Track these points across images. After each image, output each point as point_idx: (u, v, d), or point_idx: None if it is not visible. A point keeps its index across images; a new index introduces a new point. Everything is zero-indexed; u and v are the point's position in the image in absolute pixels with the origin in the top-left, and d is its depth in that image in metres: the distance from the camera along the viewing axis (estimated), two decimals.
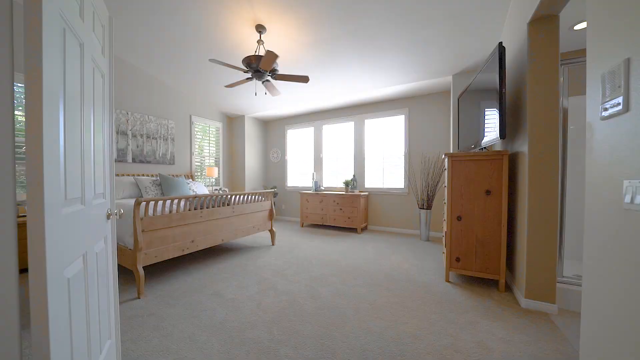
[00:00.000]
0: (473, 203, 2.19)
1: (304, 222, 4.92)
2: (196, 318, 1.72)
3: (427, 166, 4.17)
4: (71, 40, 0.81)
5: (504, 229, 2.08)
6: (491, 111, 2.09)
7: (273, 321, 1.69)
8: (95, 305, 1.00)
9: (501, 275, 2.10)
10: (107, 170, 1.19)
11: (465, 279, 2.37)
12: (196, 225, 2.47)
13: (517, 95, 2.07)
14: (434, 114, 4.15)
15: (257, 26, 2.75)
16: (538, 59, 1.79)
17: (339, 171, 5.15)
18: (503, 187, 2.07)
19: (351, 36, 2.81)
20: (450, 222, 2.28)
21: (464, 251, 2.24)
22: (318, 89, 4.15)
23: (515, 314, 1.76)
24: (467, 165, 2.21)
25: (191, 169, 4.67)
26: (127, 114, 3.64)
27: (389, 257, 3.04)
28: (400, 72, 3.49)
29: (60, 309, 0.71)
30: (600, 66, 0.86)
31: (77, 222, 0.85)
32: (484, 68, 2.21)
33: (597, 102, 0.88)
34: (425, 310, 1.83)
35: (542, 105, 1.78)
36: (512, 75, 2.24)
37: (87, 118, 0.95)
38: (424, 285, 2.25)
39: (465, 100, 2.78)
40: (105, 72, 1.19)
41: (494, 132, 2.02)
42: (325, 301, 1.95)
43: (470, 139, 2.58)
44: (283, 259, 2.94)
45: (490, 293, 2.09)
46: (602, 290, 0.84)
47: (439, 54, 3.02)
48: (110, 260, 1.22)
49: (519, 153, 2.03)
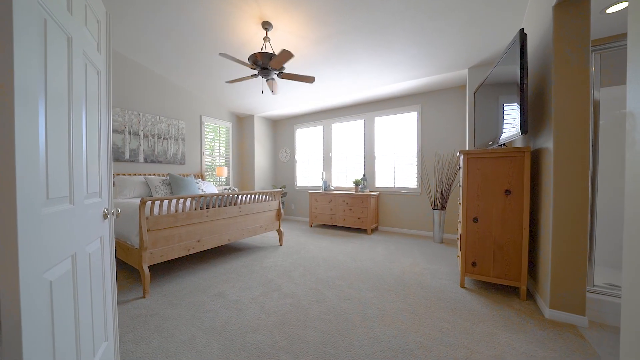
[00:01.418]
0: (491, 204, 2.03)
1: (313, 222, 4.85)
2: (198, 320, 1.69)
3: (441, 165, 3.99)
4: (55, 33, 0.78)
5: (526, 232, 1.91)
6: (511, 105, 1.94)
7: (276, 325, 1.62)
8: (88, 308, 0.98)
9: (522, 282, 1.93)
10: (103, 169, 1.17)
11: (482, 285, 2.22)
12: (202, 225, 2.46)
13: (540, 87, 1.90)
14: (448, 110, 3.96)
15: (264, 23, 2.70)
16: (565, 46, 1.62)
17: (349, 170, 5.04)
18: (524, 186, 1.91)
19: (359, 30, 2.71)
20: (466, 223, 2.13)
21: (480, 255, 2.09)
22: (326, 86, 4.06)
23: (538, 326, 1.61)
24: (484, 163, 2.06)
25: (201, 168, 4.72)
26: (138, 115, 3.71)
27: (399, 259, 2.91)
28: (412, 67, 3.34)
29: (39, 314, 0.67)
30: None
31: (64, 222, 0.81)
32: (503, 59, 2.05)
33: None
34: (437, 318, 1.71)
35: (569, 98, 1.62)
36: (534, 65, 2.06)
37: (78, 116, 0.92)
38: (437, 290, 2.12)
39: (482, 94, 2.61)
40: (102, 69, 1.17)
41: (513, 128, 1.87)
42: (330, 305, 1.87)
43: (488, 136, 2.42)
44: (290, 260, 2.88)
45: (509, 301, 1.93)
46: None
47: (454, 45, 2.85)
48: (107, 260, 1.20)
49: (542, 149, 1.86)
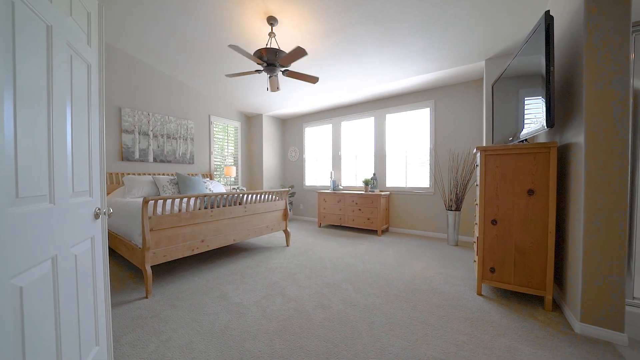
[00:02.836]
0: (511, 204, 1.86)
1: (322, 222, 4.75)
2: (198, 323, 1.64)
3: (456, 163, 3.78)
4: (28, 19, 0.72)
5: (551, 235, 1.73)
6: (532, 99, 1.76)
7: (276, 332, 1.54)
8: (73, 312, 0.93)
9: (547, 290, 1.75)
10: (94, 167, 1.12)
11: (502, 293, 2.04)
12: (206, 225, 2.42)
13: (568, 76, 1.72)
14: (463, 106, 3.75)
15: (269, 18, 2.63)
16: (600, 29, 1.44)
17: (358, 170, 4.91)
18: (550, 185, 1.73)
19: (368, 23, 2.58)
20: (484, 226, 1.97)
21: (500, 260, 1.92)
22: (334, 84, 3.95)
23: (567, 341, 1.44)
24: (504, 160, 1.89)
25: (210, 168, 4.73)
26: (148, 115, 3.75)
27: (411, 263, 2.76)
28: (424, 60, 3.17)
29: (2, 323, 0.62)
30: None
31: (40, 222, 0.76)
32: (524, 48, 1.87)
33: None
34: (451, 329, 1.57)
35: (604, 87, 1.43)
36: (561, 52, 1.87)
37: (60, 110, 0.87)
38: (451, 298, 1.97)
39: (500, 87, 2.42)
40: (93, 63, 1.13)
41: (536, 122, 1.69)
42: (335, 312, 1.77)
43: (507, 131, 2.23)
44: (296, 262, 2.80)
45: (533, 312, 1.76)
46: None
47: (469, 35, 2.67)
48: (100, 261, 1.16)
49: (571, 144, 1.68)
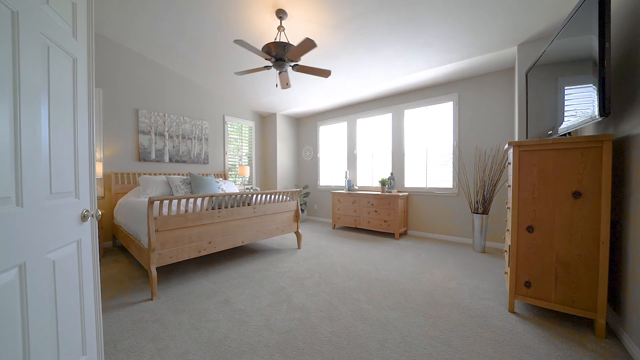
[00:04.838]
0: (552, 209, 1.59)
1: (336, 224, 4.59)
2: (197, 330, 1.55)
3: (483, 161, 3.45)
4: None
5: (605, 246, 1.44)
6: (574, 87, 1.50)
7: (278, 345, 1.41)
8: (48, 322, 0.86)
9: (599, 313, 1.46)
10: (81, 167, 1.06)
11: (539, 312, 1.76)
12: (213, 226, 2.36)
13: (624, 59, 1.42)
14: (491, 98, 3.41)
15: (278, 11, 2.53)
16: None
17: (375, 169, 4.68)
18: (603, 186, 1.44)
19: (382, 10, 2.38)
20: (517, 233, 1.71)
21: (537, 274, 1.65)
22: (348, 78, 3.77)
23: None
24: (542, 157, 1.62)
25: (224, 168, 4.75)
26: (164, 116, 3.82)
27: (431, 271, 2.52)
28: (447, 49, 2.90)
29: None
30: None
31: (2, 227, 0.69)
32: (565, 28, 1.60)
33: None
34: (477, 353, 1.35)
35: None
36: (614, 32, 1.57)
37: (32, 105, 0.80)
38: (478, 315, 1.73)
39: (535, 75, 2.12)
40: (80, 56, 1.06)
41: (577, 115, 1.43)
42: (344, 325, 1.61)
43: (543, 125, 1.94)
44: (306, 266, 2.67)
45: (581, 338, 1.48)
46: None
47: (499, 18, 2.37)
48: (88, 266, 1.10)
49: (630, 137, 1.38)
